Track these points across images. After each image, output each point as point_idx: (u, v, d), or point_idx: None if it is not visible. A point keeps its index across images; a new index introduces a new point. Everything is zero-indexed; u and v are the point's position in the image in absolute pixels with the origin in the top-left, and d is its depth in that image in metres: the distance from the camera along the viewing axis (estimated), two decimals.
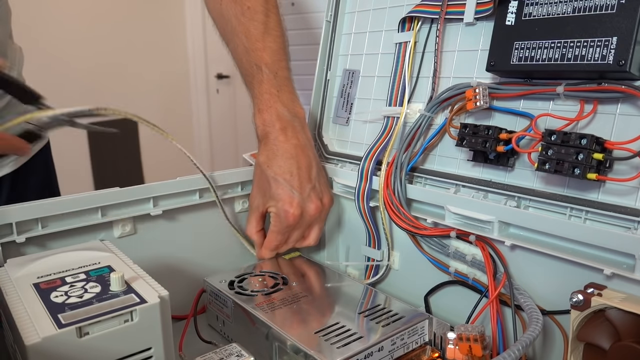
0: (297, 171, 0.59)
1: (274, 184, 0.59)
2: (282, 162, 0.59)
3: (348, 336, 0.46)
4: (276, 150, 0.60)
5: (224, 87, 3.11)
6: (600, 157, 0.42)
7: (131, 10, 2.66)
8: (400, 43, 0.60)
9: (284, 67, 0.62)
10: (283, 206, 0.59)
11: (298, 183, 0.59)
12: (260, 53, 0.61)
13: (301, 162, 0.60)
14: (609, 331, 0.41)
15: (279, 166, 0.59)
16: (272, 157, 0.59)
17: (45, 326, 0.35)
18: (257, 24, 0.61)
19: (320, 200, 0.61)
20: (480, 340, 0.44)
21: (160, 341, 0.39)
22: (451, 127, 0.54)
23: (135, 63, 2.67)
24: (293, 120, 0.61)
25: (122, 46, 2.58)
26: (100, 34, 2.47)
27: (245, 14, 0.61)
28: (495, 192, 0.51)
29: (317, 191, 0.61)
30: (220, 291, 0.56)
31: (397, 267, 0.62)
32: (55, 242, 0.53)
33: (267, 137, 0.60)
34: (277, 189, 0.59)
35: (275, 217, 0.60)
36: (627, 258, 0.42)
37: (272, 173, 0.59)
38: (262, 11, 0.62)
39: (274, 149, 0.60)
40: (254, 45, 0.61)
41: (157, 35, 2.81)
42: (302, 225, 0.61)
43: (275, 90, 0.61)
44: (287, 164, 0.59)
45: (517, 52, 0.47)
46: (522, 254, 0.49)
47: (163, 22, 2.87)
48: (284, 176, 0.59)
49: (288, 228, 0.60)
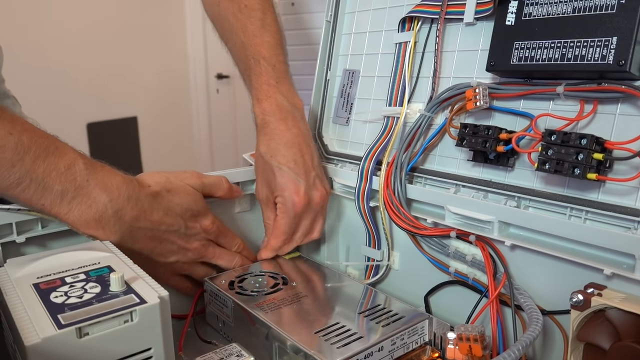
0: (301, 159, 0.59)
1: (279, 173, 0.59)
2: (285, 151, 0.59)
3: (348, 336, 0.46)
4: (278, 139, 0.59)
5: (224, 87, 3.11)
6: (600, 157, 0.42)
7: (131, 11, 2.66)
8: (400, 43, 0.60)
9: (281, 61, 0.62)
10: (290, 195, 0.58)
11: (303, 171, 0.59)
12: (258, 47, 0.61)
13: (304, 151, 0.60)
14: (609, 331, 0.41)
15: (282, 155, 0.59)
16: (275, 147, 0.59)
17: (45, 326, 0.35)
18: (254, 20, 0.62)
19: (324, 188, 0.61)
20: (480, 340, 0.44)
21: (160, 341, 0.39)
22: (451, 127, 0.54)
23: (136, 63, 2.67)
24: (293, 110, 0.61)
25: (122, 46, 2.58)
26: (101, 34, 2.47)
27: (243, 11, 0.62)
28: (495, 192, 0.51)
29: (320, 179, 0.61)
30: (220, 291, 0.56)
31: (397, 267, 0.62)
32: (55, 242, 0.53)
33: (267, 126, 0.60)
34: (282, 178, 0.58)
35: (282, 208, 0.60)
36: (627, 258, 0.42)
37: (277, 162, 0.58)
38: (258, 9, 0.63)
39: (275, 139, 0.59)
40: (251, 41, 0.62)
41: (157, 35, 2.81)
42: (309, 214, 0.61)
43: (274, 82, 0.61)
44: (291, 152, 0.59)
45: (517, 52, 0.47)
46: (522, 254, 0.49)
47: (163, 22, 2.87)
48: (289, 165, 0.58)
49: (296, 218, 0.60)
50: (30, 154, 0.44)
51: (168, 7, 2.92)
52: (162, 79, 2.83)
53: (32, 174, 0.44)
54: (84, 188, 0.47)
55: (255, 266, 0.62)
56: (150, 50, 2.75)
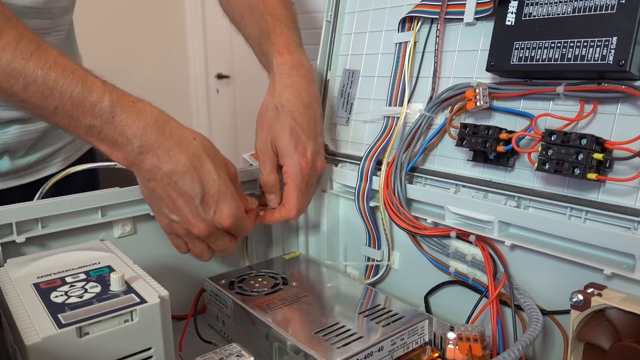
0: (313, 123, 0.58)
1: (292, 132, 0.56)
2: (302, 109, 0.57)
3: (348, 336, 0.46)
4: (298, 95, 0.57)
5: (224, 87, 3.11)
6: (600, 157, 0.42)
7: (131, 11, 2.66)
8: (400, 43, 0.60)
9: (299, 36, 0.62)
10: (299, 158, 0.57)
11: (314, 135, 0.58)
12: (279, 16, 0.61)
13: (317, 114, 0.59)
14: (609, 331, 0.41)
15: (300, 114, 0.56)
16: (294, 102, 0.57)
17: (45, 326, 0.35)
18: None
19: (324, 158, 0.61)
20: (480, 340, 0.44)
21: (160, 341, 0.39)
22: (451, 127, 0.54)
23: (136, 63, 2.67)
24: (312, 71, 0.60)
25: (122, 46, 2.58)
26: (101, 33, 2.47)
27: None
28: (495, 192, 0.51)
29: (322, 147, 0.60)
30: (220, 291, 0.56)
31: (397, 267, 0.62)
32: (55, 242, 0.53)
33: (287, 77, 0.57)
34: (293, 139, 0.56)
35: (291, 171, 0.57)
36: (627, 258, 0.42)
37: (292, 120, 0.56)
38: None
39: (295, 93, 0.57)
40: (273, 10, 0.61)
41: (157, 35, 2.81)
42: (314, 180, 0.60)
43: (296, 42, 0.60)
44: (309, 113, 0.57)
45: (517, 52, 0.47)
46: (522, 254, 0.49)
47: (163, 22, 2.87)
48: (303, 126, 0.57)
49: (303, 182, 0.58)
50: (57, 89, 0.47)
51: (168, 7, 2.92)
52: (162, 79, 2.83)
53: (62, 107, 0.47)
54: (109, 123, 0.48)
55: (255, 266, 0.62)
56: (150, 50, 2.75)
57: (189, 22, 3.05)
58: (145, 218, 0.58)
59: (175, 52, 2.98)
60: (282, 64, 0.58)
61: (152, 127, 0.49)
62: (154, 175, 0.49)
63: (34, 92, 0.46)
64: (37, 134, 0.71)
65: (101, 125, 0.48)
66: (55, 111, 0.47)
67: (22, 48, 0.46)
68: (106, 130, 0.48)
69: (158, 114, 0.50)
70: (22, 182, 0.73)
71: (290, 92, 0.57)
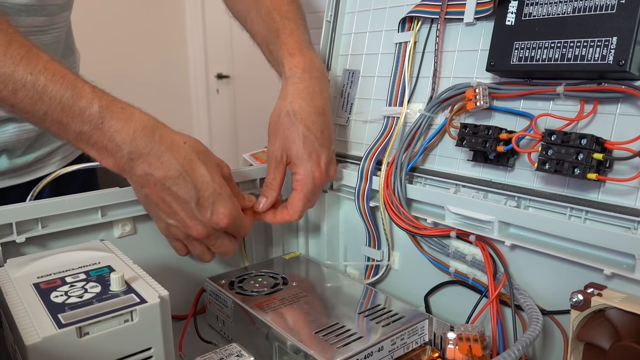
0: (327, 130, 0.57)
1: (305, 141, 0.55)
2: (315, 117, 0.56)
3: (348, 336, 0.46)
4: (310, 101, 0.56)
5: (224, 87, 3.11)
6: (600, 157, 0.42)
7: (131, 11, 2.66)
8: (400, 43, 0.60)
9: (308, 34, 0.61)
10: (312, 168, 0.56)
11: (327, 143, 0.57)
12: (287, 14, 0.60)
13: (329, 121, 0.58)
14: (609, 331, 0.41)
15: (312, 121, 0.55)
16: (306, 109, 0.55)
17: (45, 326, 0.35)
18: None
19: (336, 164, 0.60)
20: (480, 340, 0.44)
21: (160, 341, 0.39)
22: (451, 127, 0.54)
23: (136, 63, 2.67)
24: (325, 71, 0.59)
25: (122, 47, 2.58)
26: (101, 34, 2.47)
27: None
28: (495, 192, 0.51)
29: (334, 153, 0.59)
30: (220, 291, 0.56)
31: (397, 267, 0.62)
32: (55, 242, 0.53)
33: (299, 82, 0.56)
34: (307, 148, 0.55)
35: (302, 181, 0.56)
36: (627, 258, 0.42)
37: (304, 128, 0.55)
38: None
39: (307, 99, 0.56)
40: (280, 7, 0.60)
41: (157, 35, 2.81)
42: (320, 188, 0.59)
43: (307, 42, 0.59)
44: (321, 120, 0.56)
45: (517, 52, 0.47)
46: (522, 254, 0.49)
47: (163, 22, 2.87)
48: (316, 134, 0.56)
49: (313, 191, 0.57)
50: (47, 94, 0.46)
51: (168, 7, 2.92)
52: (162, 79, 2.83)
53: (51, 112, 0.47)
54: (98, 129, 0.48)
55: (255, 266, 0.62)
56: (151, 50, 2.75)
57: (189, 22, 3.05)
58: (145, 218, 0.58)
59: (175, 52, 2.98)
60: (294, 66, 0.57)
61: (141, 133, 0.48)
62: (146, 181, 0.49)
63: (23, 97, 0.46)
64: (35, 132, 0.71)
65: (90, 131, 0.47)
66: (44, 116, 0.47)
67: (12, 53, 0.46)
68: (95, 136, 0.48)
69: (147, 120, 0.49)
70: (21, 181, 0.73)
71: (302, 98, 0.56)
